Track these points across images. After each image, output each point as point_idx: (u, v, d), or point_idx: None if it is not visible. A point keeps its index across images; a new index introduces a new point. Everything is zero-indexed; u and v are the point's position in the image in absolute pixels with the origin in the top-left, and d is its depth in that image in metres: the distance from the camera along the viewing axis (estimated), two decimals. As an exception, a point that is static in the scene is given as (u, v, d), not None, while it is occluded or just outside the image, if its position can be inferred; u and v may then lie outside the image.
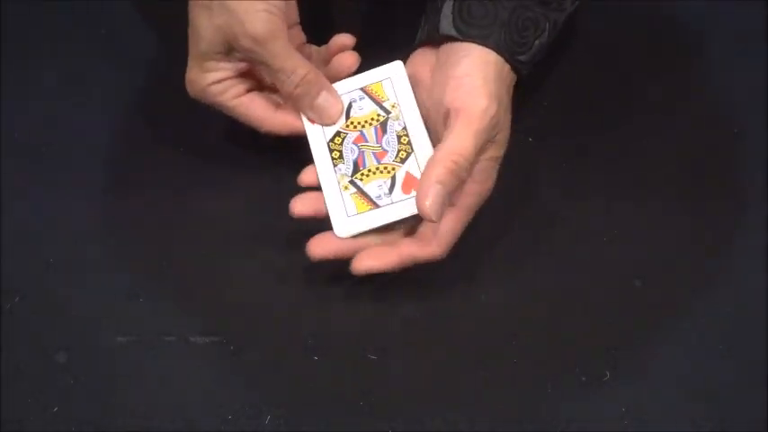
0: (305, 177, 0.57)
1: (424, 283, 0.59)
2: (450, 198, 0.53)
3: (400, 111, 0.58)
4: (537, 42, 0.56)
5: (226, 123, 0.62)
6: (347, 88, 0.58)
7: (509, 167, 0.60)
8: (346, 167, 0.57)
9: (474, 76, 0.54)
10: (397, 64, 0.58)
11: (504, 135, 0.56)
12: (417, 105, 0.58)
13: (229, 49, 0.55)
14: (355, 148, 0.57)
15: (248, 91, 0.58)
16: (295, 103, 0.57)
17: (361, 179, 0.56)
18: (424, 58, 0.59)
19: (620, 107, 0.66)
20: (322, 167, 0.57)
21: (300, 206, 0.56)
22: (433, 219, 0.52)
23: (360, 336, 0.58)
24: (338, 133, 0.57)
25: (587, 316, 0.58)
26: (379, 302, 0.59)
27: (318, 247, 0.56)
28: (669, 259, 0.60)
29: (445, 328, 0.58)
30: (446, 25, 0.55)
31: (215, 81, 0.57)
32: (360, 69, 0.59)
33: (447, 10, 0.56)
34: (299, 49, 0.59)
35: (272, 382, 0.56)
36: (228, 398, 0.56)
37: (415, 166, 0.56)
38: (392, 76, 0.58)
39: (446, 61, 0.56)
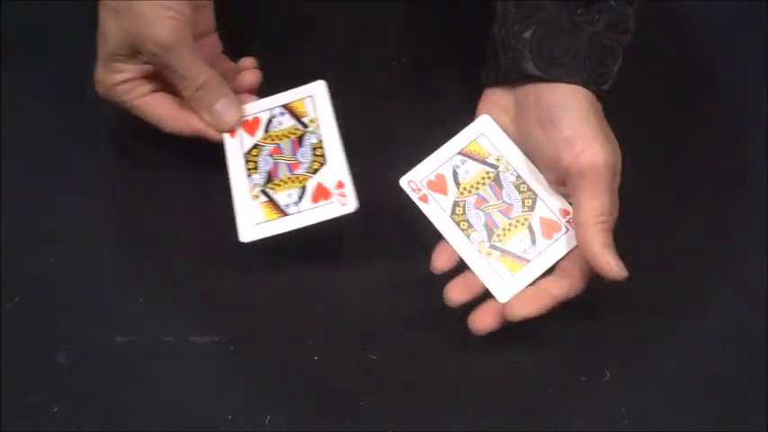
0: (438, 263, 0.56)
1: (424, 283, 0.59)
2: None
3: (318, 125, 0.59)
4: (615, 69, 0.55)
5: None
6: (269, 105, 0.60)
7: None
8: (259, 177, 0.58)
9: (584, 128, 0.53)
10: (320, 83, 0.60)
11: (618, 163, 0.55)
12: (335, 121, 0.58)
13: (135, 52, 0.57)
14: (270, 159, 0.58)
15: (153, 91, 0.59)
16: (195, 106, 0.58)
17: (273, 189, 0.57)
18: (496, 101, 0.58)
19: (620, 107, 0.66)
20: (235, 177, 0.58)
21: (458, 294, 0.55)
22: (621, 277, 0.52)
23: (360, 336, 0.58)
24: (256, 146, 0.59)
25: (587, 316, 0.58)
26: (379, 302, 0.59)
27: (481, 321, 0.55)
28: (669, 259, 0.60)
29: (445, 329, 0.58)
30: (528, 65, 0.54)
31: (120, 81, 0.58)
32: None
33: (524, 49, 0.54)
34: (215, 58, 0.62)
35: (272, 382, 0.56)
36: (228, 398, 0.56)
37: (327, 177, 0.57)
38: (314, 94, 0.59)
39: (542, 105, 0.54)
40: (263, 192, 0.57)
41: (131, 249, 0.61)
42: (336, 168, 0.57)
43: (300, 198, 0.57)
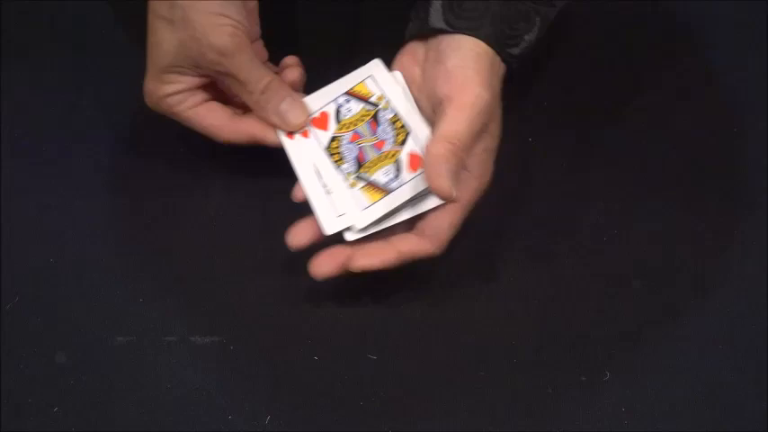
0: (299, 193, 0.57)
1: (424, 283, 0.59)
2: (455, 177, 0.53)
3: (388, 100, 0.58)
4: (527, 37, 0.56)
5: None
6: (331, 96, 0.59)
7: (509, 167, 0.60)
8: (349, 166, 0.57)
9: (466, 66, 0.54)
10: (376, 62, 0.59)
11: (496, 126, 0.56)
12: (406, 92, 0.58)
13: (192, 63, 0.56)
14: (353, 146, 0.57)
15: (205, 101, 0.59)
16: (260, 110, 0.58)
17: (366, 171, 0.56)
18: (412, 53, 0.59)
19: (620, 107, 0.66)
20: (326, 170, 0.56)
21: (298, 238, 0.56)
22: (452, 195, 0.52)
23: (360, 336, 0.58)
24: (333, 138, 0.58)
25: (587, 316, 0.58)
26: (379, 302, 0.59)
27: (321, 266, 0.55)
28: (669, 259, 0.60)
29: (445, 329, 0.58)
30: (436, 19, 0.55)
31: (172, 93, 0.57)
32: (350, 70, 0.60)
33: (437, 4, 0.56)
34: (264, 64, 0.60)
35: (272, 382, 0.56)
36: (228, 398, 0.56)
37: (415, 145, 0.56)
38: (373, 74, 0.59)
39: (437, 54, 0.56)
40: (359, 177, 0.56)
41: (131, 249, 0.61)
42: (423, 133, 0.56)
43: (398, 172, 0.56)
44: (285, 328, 0.58)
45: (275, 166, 0.61)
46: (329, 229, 0.55)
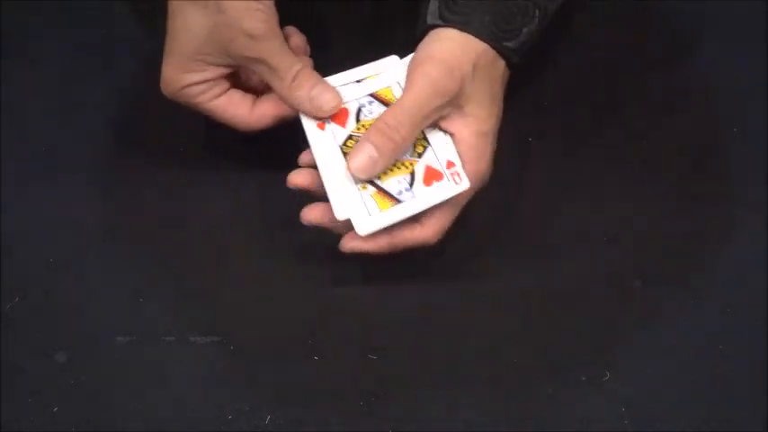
0: (305, 157, 0.57)
1: (424, 283, 0.59)
2: (382, 159, 0.53)
3: None
4: (525, 30, 0.56)
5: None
6: (356, 94, 0.58)
7: (509, 167, 0.60)
8: (348, 167, 0.55)
9: (436, 52, 0.54)
10: (394, 59, 0.58)
11: (480, 110, 0.55)
12: None
13: (221, 50, 0.55)
14: None
15: (226, 91, 0.58)
16: (292, 96, 0.56)
17: (380, 178, 0.55)
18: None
19: (620, 107, 0.66)
20: (336, 169, 0.55)
21: (299, 179, 0.56)
22: (357, 174, 0.53)
23: (360, 336, 0.58)
24: (350, 137, 0.56)
25: (587, 316, 0.58)
26: (379, 302, 0.59)
27: (310, 214, 0.56)
28: (669, 259, 0.60)
29: (445, 329, 0.58)
30: (432, 16, 0.55)
31: (195, 82, 0.56)
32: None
33: (434, 3, 0.56)
34: None
35: (272, 382, 0.56)
36: (228, 398, 0.56)
37: (434, 159, 0.56)
38: (400, 81, 0.57)
39: (425, 41, 0.56)
40: (370, 182, 0.55)
41: (131, 249, 0.61)
42: (444, 148, 0.56)
43: (411, 183, 0.55)
44: (285, 328, 0.58)
45: (276, 166, 0.61)
46: (341, 215, 0.54)
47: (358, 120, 0.57)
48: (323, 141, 0.56)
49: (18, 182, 0.62)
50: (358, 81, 0.58)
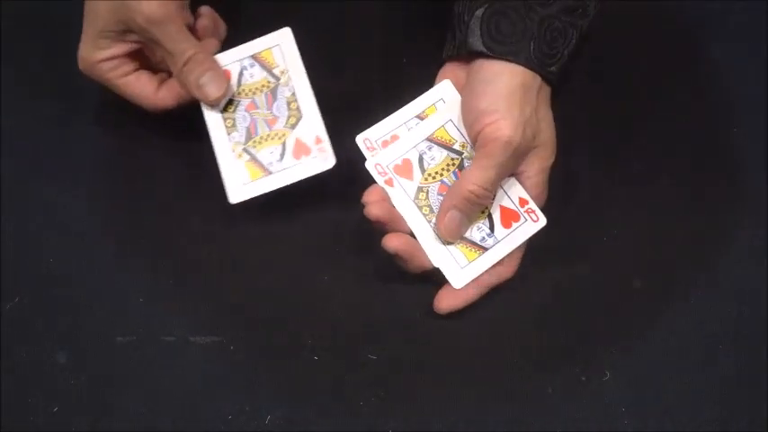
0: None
1: (424, 283, 0.59)
2: (468, 220, 0.56)
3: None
4: (566, 52, 0.56)
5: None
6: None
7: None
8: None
9: (501, 103, 0.54)
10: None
11: (546, 146, 0.57)
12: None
13: (123, 29, 0.58)
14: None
15: (135, 70, 0.61)
16: (182, 81, 0.59)
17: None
18: (453, 75, 0.59)
19: (620, 107, 0.66)
20: (417, 225, 0.56)
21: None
22: (449, 239, 0.56)
23: (360, 336, 0.58)
24: (420, 189, 0.57)
25: (587, 316, 0.58)
26: (379, 302, 0.59)
27: (444, 300, 0.57)
28: (669, 259, 0.60)
29: (445, 329, 0.58)
30: (476, 42, 0.55)
31: (105, 58, 0.59)
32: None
33: (475, 26, 0.55)
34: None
35: (272, 382, 0.56)
36: (228, 398, 0.56)
37: (506, 199, 0.57)
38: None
39: (475, 81, 0.56)
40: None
41: (131, 249, 0.61)
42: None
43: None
44: (285, 328, 0.58)
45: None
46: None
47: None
48: (398, 197, 0.57)
49: (18, 182, 0.63)
50: (419, 117, 0.58)
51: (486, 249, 0.56)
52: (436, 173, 0.57)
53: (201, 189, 0.62)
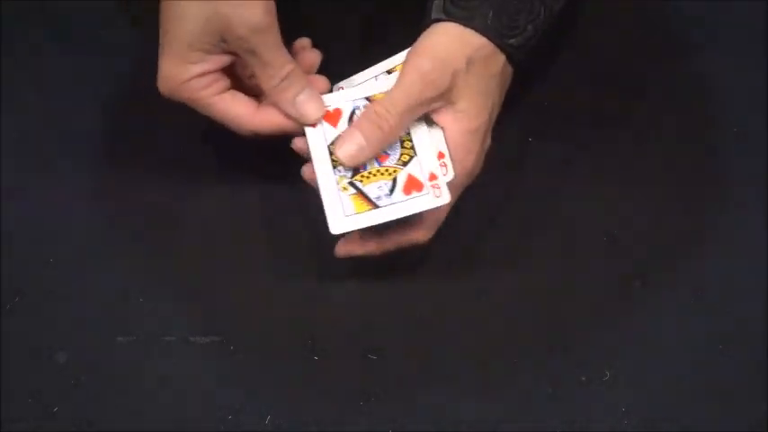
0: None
1: (424, 283, 0.59)
2: (369, 148, 0.54)
3: None
4: (530, 27, 0.56)
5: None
6: (351, 96, 0.58)
7: (509, 167, 0.60)
8: (346, 170, 0.56)
9: (433, 49, 0.54)
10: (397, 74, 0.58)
11: (470, 106, 0.55)
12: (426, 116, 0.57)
13: (219, 40, 0.53)
14: None
15: (228, 89, 0.56)
16: (277, 97, 0.55)
17: (361, 180, 0.56)
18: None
19: (620, 107, 0.66)
20: (321, 169, 0.56)
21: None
22: (346, 162, 0.54)
23: (360, 336, 0.58)
24: (340, 137, 0.56)
25: (587, 316, 0.58)
26: (379, 302, 0.59)
27: (343, 246, 0.57)
28: (669, 259, 0.60)
29: (445, 328, 0.58)
30: (436, 11, 0.55)
31: (198, 74, 0.54)
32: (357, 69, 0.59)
33: None
34: None
35: (272, 382, 0.56)
36: (228, 398, 0.56)
37: (417, 169, 0.56)
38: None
39: (425, 37, 0.55)
40: (352, 184, 0.55)
41: (131, 249, 0.60)
42: (428, 160, 0.56)
43: (392, 190, 0.55)
44: (285, 328, 0.58)
45: (275, 166, 0.61)
46: (335, 229, 0.54)
47: (351, 121, 0.57)
48: (314, 138, 0.56)
49: (18, 182, 0.62)
50: (375, 77, 0.58)
51: (376, 207, 0.55)
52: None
53: (202, 190, 0.62)
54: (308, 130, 0.56)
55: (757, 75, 0.67)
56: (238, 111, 0.56)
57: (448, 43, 0.55)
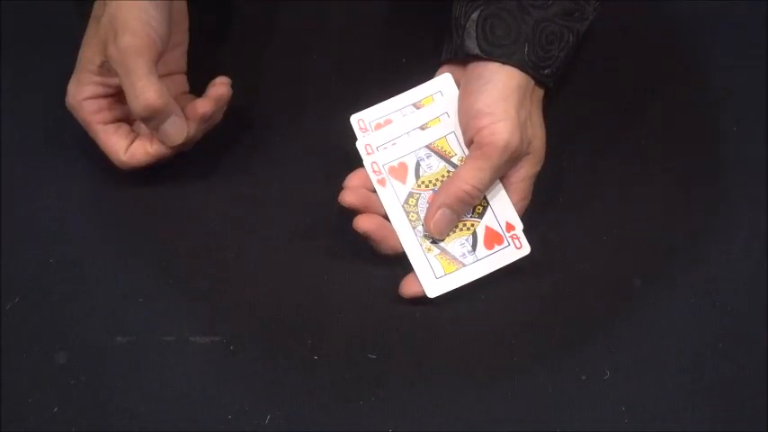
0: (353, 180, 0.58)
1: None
2: (458, 219, 0.57)
3: None
4: (562, 55, 0.57)
5: (226, 123, 0.62)
6: (411, 148, 0.58)
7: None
8: (425, 228, 0.57)
9: (498, 105, 0.55)
10: (452, 84, 0.59)
11: (536, 153, 0.57)
12: None
13: (103, 60, 0.56)
14: None
15: (116, 120, 0.59)
16: (144, 124, 0.57)
17: (443, 239, 0.57)
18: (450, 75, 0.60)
19: (620, 108, 0.66)
20: (401, 229, 0.57)
21: (351, 198, 0.57)
22: (437, 236, 0.57)
23: (360, 336, 0.58)
24: (411, 194, 0.57)
25: (587, 316, 0.58)
26: (379, 302, 0.59)
27: (408, 287, 0.58)
28: (669, 259, 0.60)
29: (445, 328, 0.58)
30: (471, 45, 0.56)
31: (89, 96, 0.58)
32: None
33: (471, 29, 0.56)
34: (178, 96, 0.60)
35: (272, 382, 0.56)
36: (228, 398, 0.56)
37: (493, 220, 0.57)
38: (455, 130, 0.58)
39: (472, 82, 0.57)
40: (434, 243, 0.57)
41: (131, 249, 0.61)
42: (502, 209, 0.57)
43: (474, 246, 0.57)
44: (285, 328, 0.58)
45: (275, 167, 0.61)
46: (431, 293, 0.57)
47: (418, 175, 0.58)
48: (388, 200, 0.57)
49: (18, 182, 0.62)
50: (414, 105, 0.59)
51: (464, 265, 0.57)
52: (430, 181, 0.57)
53: (203, 189, 0.62)
54: (380, 192, 0.57)
55: (757, 75, 0.67)
56: (115, 143, 0.58)
57: (513, 101, 0.55)
